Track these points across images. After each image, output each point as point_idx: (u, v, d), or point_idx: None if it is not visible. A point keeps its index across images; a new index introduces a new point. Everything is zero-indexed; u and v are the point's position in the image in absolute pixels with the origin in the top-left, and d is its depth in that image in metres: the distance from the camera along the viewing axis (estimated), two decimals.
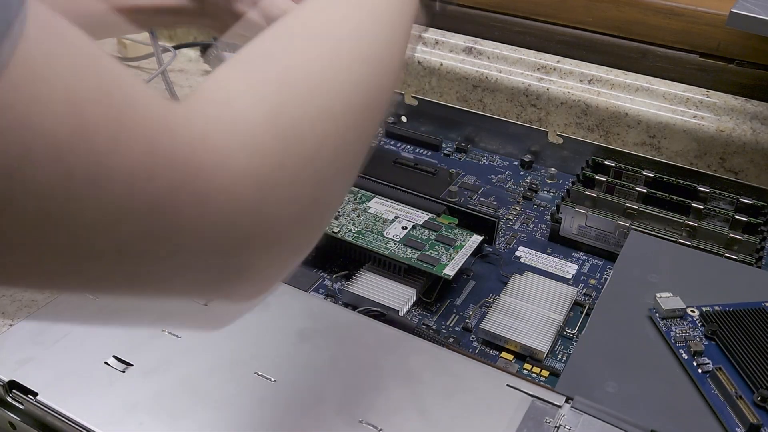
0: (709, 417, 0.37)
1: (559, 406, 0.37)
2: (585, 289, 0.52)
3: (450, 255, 0.50)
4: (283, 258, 0.25)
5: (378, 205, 0.55)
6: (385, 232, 0.52)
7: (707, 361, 0.40)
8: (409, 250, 0.50)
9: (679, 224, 0.55)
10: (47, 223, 0.17)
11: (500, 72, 0.76)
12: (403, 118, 0.74)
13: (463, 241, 0.51)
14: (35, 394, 0.36)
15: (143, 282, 0.21)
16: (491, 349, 0.47)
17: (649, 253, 0.50)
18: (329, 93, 0.25)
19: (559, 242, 0.57)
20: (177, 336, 0.40)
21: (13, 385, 0.37)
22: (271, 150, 0.22)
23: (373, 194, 0.56)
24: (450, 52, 0.79)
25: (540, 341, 0.46)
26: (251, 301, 0.26)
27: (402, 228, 0.52)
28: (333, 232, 0.51)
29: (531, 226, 0.60)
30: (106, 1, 0.45)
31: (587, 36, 0.74)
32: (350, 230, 0.52)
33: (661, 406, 0.38)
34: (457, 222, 0.53)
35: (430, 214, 0.54)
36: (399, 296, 0.49)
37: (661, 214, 0.56)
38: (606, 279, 0.53)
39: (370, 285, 0.49)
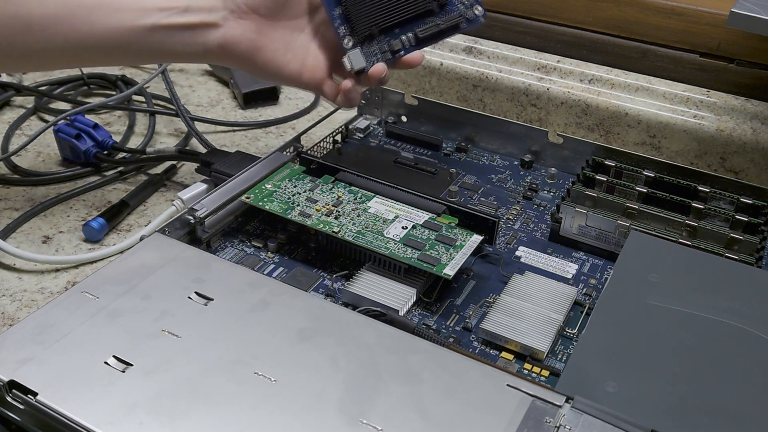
0: (709, 417, 0.37)
1: (560, 406, 0.37)
2: (585, 289, 0.52)
3: (450, 255, 0.50)
4: None
5: (378, 205, 0.55)
6: (385, 232, 0.52)
7: None
8: (409, 249, 0.50)
9: (679, 224, 0.55)
10: None
11: (500, 72, 0.76)
12: (403, 118, 0.74)
13: (463, 240, 0.51)
14: (35, 394, 0.36)
15: None
16: (491, 348, 0.47)
17: (650, 253, 0.50)
18: None
19: (559, 242, 0.57)
20: (177, 336, 0.40)
21: (13, 385, 0.37)
22: None
23: (373, 194, 0.56)
24: (450, 52, 0.79)
25: (540, 341, 0.46)
26: None
27: (402, 228, 0.52)
28: (333, 231, 0.51)
29: (531, 226, 0.60)
30: None
31: (587, 36, 0.74)
32: (350, 230, 0.52)
33: (661, 406, 0.38)
34: (457, 222, 0.53)
35: (430, 214, 0.54)
36: (399, 296, 0.49)
37: (661, 214, 0.56)
38: (606, 279, 0.53)
39: (370, 285, 0.49)
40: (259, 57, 0.51)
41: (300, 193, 0.55)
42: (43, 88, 0.83)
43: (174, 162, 0.70)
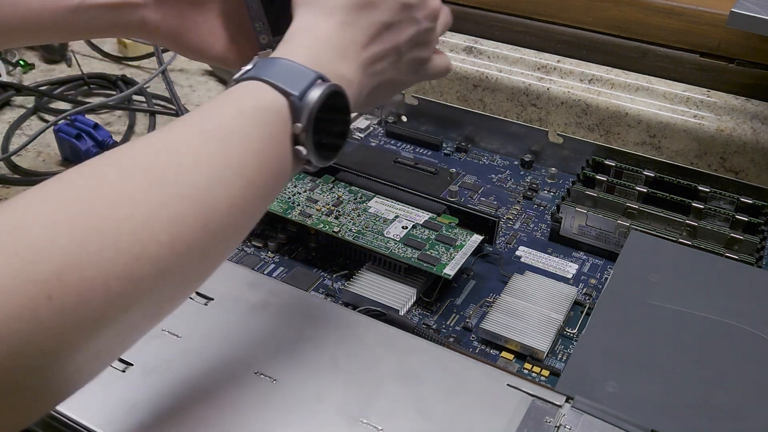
0: (709, 417, 0.37)
1: (560, 406, 0.37)
2: (585, 289, 0.52)
3: (450, 255, 0.50)
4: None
5: (378, 205, 0.55)
6: (385, 232, 0.52)
7: None
8: (410, 249, 0.50)
9: (679, 224, 0.55)
10: None
11: (500, 71, 0.76)
12: (404, 118, 0.74)
13: (464, 240, 0.51)
14: None
15: None
16: (491, 348, 0.47)
17: (650, 253, 0.50)
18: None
19: (559, 242, 0.57)
20: (177, 336, 0.40)
21: None
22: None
23: (373, 194, 0.56)
24: (450, 52, 0.79)
25: (540, 341, 0.46)
26: None
27: (402, 227, 0.52)
28: (333, 231, 0.51)
29: (531, 226, 0.60)
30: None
31: (587, 36, 0.74)
32: (350, 230, 0.52)
33: (661, 406, 0.38)
34: (457, 222, 0.53)
35: (431, 214, 0.54)
36: (399, 296, 0.49)
37: (661, 214, 0.56)
38: (606, 279, 0.53)
39: (370, 285, 0.49)
40: (182, 40, 0.50)
41: (300, 193, 0.55)
42: (43, 88, 0.83)
43: None
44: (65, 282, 0.22)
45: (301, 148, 0.32)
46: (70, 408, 0.35)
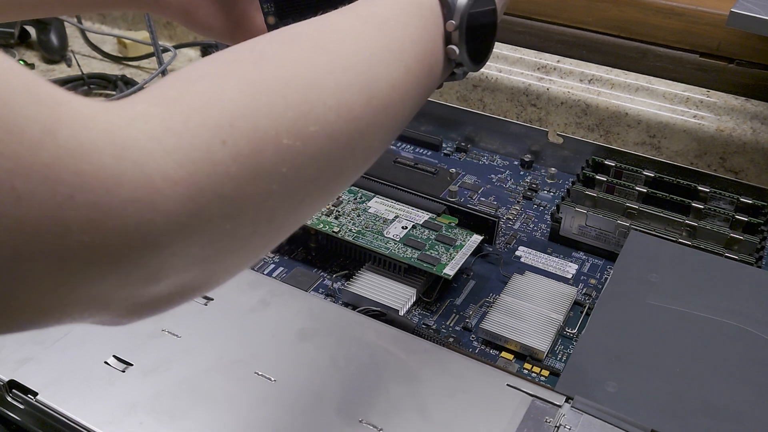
0: (709, 417, 0.37)
1: (559, 406, 0.37)
2: (585, 289, 0.52)
3: (450, 255, 0.50)
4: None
5: (378, 205, 0.55)
6: (385, 232, 0.52)
7: None
8: (409, 249, 0.50)
9: (679, 224, 0.55)
10: None
11: (500, 72, 0.76)
12: None
13: (463, 240, 0.51)
14: (35, 394, 0.36)
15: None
16: (491, 348, 0.47)
17: (649, 253, 0.50)
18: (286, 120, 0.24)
19: (559, 242, 0.57)
20: (177, 336, 0.40)
21: (13, 385, 0.37)
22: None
23: (373, 194, 0.56)
24: None
25: (540, 341, 0.46)
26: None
27: (402, 228, 0.52)
28: (333, 231, 0.51)
29: (531, 226, 0.60)
30: None
31: (587, 36, 0.74)
32: (350, 230, 0.52)
33: (661, 406, 0.38)
34: (457, 222, 0.53)
35: (430, 214, 0.54)
36: (399, 296, 0.49)
37: (661, 214, 0.56)
38: (606, 279, 0.53)
39: (370, 285, 0.49)
40: (192, 17, 0.51)
41: None
42: None
43: None
44: (238, 129, 0.23)
45: (454, 47, 0.33)
46: (70, 408, 0.35)
